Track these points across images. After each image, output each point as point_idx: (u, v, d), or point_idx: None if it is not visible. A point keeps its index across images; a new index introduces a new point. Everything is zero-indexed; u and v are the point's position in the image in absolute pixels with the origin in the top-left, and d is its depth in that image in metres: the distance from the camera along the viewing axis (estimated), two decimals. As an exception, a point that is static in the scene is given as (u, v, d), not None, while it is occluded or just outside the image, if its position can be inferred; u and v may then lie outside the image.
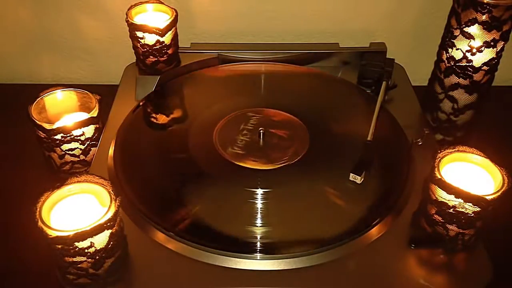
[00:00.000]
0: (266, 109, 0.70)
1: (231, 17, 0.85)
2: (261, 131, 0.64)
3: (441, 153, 0.53)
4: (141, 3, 0.74)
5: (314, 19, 0.86)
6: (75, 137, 0.62)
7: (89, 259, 0.46)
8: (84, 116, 0.62)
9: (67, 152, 0.62)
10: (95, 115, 0.63)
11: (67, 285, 0.48)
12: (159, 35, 0.71)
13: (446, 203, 0.49)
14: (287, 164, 0.61)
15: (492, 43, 0.66)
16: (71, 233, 0.44)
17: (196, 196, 0.58)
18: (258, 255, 0.51)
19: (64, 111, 0.66)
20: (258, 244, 0.53)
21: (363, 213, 0.56)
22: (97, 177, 0.50)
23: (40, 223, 0.45)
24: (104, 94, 0.66)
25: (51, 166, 0.65)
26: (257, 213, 0.56)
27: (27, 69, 0.91)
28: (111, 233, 0.47)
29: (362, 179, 0.58)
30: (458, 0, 0.67)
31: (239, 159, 0.62)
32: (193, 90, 0.76)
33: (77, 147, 0.63)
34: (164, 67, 0.74)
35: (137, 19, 0.72)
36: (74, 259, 0.46)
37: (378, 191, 0.59)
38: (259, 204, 0.57)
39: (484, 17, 0.65)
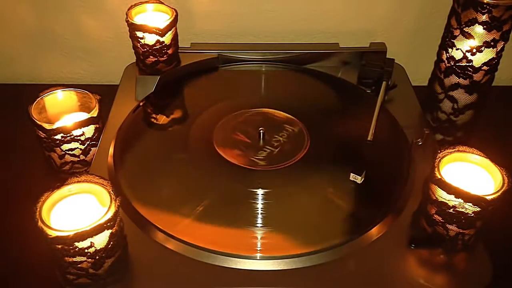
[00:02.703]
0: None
1: (231, 17, 0.85)
2: (261, 131, 0.64)
3: (441, 153, 0.53)
4: (141, 3, 0.74)
5: (314, 19, 0.86)
6: (75, 137, 0.62)
7: (89, 259, 0.46)
8: (84, 116, 0.62)
9: (67, 152, 0.62)
10: (95, 115, 0.63)
11: (67, 285, 0.48)
12: (159, 35, 0.71)
13: (446, 203, 0.49)
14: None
15: (492, 43, 0.66)
16: (71, 233, 0.44)
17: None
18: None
19: (64, 111, 0.66)
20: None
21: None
22: (97, 177, 0.50)
23: (40, 223, 0.45)
24: (104, 94, 0.66)
25: (51, 166, 0.65)
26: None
27: (27, 69, 0.91)
28: (111, 233, 0.47)
29: (363, 179, 0.58)
30: (458, 0, 0.68)
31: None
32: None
33: (77, 147, 0.63)
34: (164, 67, 0.74)
35: (137, 19, 0.72)
36: (74, 259, 0.46)
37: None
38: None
39: (484, 17, 0.65)
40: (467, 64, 0.69)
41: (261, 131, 0.64)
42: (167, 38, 0.72)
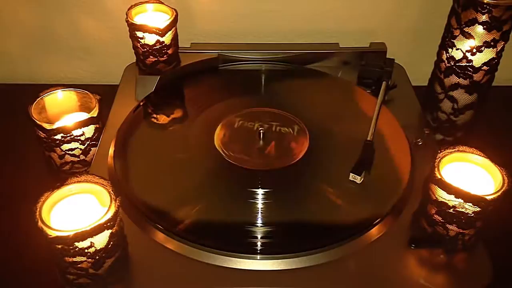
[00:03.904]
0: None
1: (231, 17, 0.85)
2: (261, 131, 0.64)
3: (441, 153, 0.53)
4: (141, 3, 0.74)
5: (314, 19, 0.86)
6: (75, 137, 0.62)
7: (89, 259, 0.46)
8: (84, 116, 0.62)
9: (67, 152, 0.62)
10: (95, 115, 0.63)
11: (67, 285, 0.48)
12: (159, 35, 0.71)
13: (446, 203, 0.49)
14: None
15: (492, 43, 0.66)
16: (71, 233, 0.44)
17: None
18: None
19: (64, 111, 0.66)
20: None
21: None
22: (97, 177, 0.50)
23: (40, 223, 0.45)
24: (104, 94, 0.66)
25: (51, 166, 0.65)
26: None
27: (27, 69, 0.91)
28: (111, 233, 0.47)
29: (362, 179, 0.58)
30: (458, 0, 0.68)
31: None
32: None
33: (77, 147, 0.63)
34: (164, 67, 0.74)
35: (137, 19, 0.72)
36: (74, 259, 0.46)
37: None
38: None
39: (484, 17, 0.65)
40: (467, 64, 0.69)
41: (261, 131, 0.64)
42: (167, 38, 0.72)
